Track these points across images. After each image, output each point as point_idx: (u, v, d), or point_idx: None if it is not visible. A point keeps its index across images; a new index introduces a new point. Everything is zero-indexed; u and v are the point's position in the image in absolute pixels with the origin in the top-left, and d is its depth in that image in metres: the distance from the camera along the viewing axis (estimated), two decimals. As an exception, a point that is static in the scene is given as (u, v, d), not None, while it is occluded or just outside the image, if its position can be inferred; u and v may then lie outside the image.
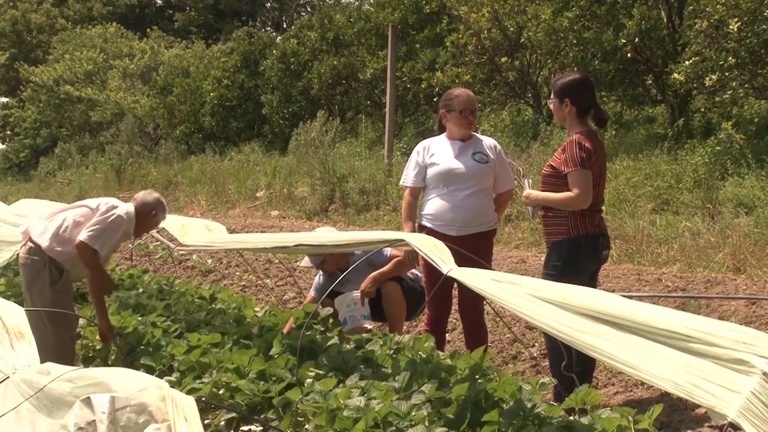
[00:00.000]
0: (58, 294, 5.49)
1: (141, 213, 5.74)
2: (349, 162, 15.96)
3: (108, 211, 5.57)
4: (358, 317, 5.81)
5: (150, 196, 5.87)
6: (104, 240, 5.49)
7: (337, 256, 6.03)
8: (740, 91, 11.69)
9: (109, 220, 5.51)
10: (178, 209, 17.38)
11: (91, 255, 5.47)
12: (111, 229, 5.52)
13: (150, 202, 5.81)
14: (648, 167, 11.58)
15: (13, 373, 3.39)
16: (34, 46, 42.63)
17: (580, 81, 4.87)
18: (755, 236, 8.45)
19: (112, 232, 5.53)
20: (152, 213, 5.79)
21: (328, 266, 6.12)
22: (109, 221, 5.51)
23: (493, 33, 15.46)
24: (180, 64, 29.44)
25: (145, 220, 5.78)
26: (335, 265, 6.07)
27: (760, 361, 2.56)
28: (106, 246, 5.53)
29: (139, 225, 5.78)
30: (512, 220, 10.96)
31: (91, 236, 5.45)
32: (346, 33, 21.02)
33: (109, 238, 5.54)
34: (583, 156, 4.60)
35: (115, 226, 5.54)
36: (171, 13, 47.57)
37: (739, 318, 6.07)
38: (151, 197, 5.86)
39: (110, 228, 5.51)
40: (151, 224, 5.94)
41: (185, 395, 2.79)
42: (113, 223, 5.52)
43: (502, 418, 3.49)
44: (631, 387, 5.31)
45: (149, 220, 5.82)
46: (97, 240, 5.46)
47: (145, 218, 5.77)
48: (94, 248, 5.44)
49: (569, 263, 4.68)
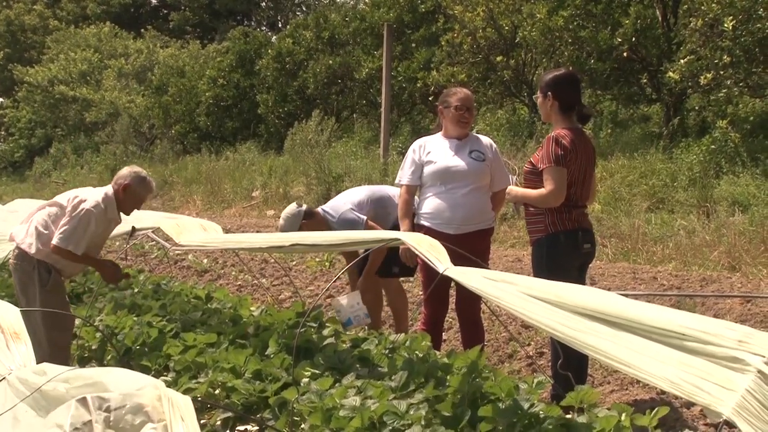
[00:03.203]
0: (49, 295, 5.45)
1: (117, 191, 5.58)
2: (344, 161, 15.97)
3: (75, 208, 5.45)
4: (363, 316, 5.85)
5: (124, 171, 5.69)
6: (77, 238, 5.39)
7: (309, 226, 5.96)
8: (735, 89, 11.71)
9: (78, 217, 5.40)
10: (174, 209, 17.36)
11: (70, 255, 5.40)
12: (82, 226, 5.40)
13: (123, 175, 5.63)
14: (643, 166, 11.61)
15: (9, 373, 3.38)
16: (28, 47, 42.55)
17: (565, 76, 4.84)
18: (750, 234, 8.47)
19: (83, 228, 5.41)
20: (127, 186, 5.57)
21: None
22: (77, 218, 5.40)
23: (488, 32, 15.48)
24: (175, 63, 29.40)
25: (125, 197, 5.60)
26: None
27: (756, 359, 2.56)
28: (81, 243, 5.41)
29: (121, 203, 5.61)
30: (507, 219, 10.97)
31: (62, 238, 5.37)
32: (341, 32, 21.03)
33: (83, 235, 5.41)
34: (558, 153, 4.58)
35: (85, 221, 5.41)
36: (166, 13, 47.51)
37: (734, 316, 6.08)
38: (125, 171, 5.68)
39: (80, 225, 5.40)
40: (131, 199, 5.66)
41: (181, 395, 2.78)
42: (82, 220, 5.41)
43: (499, 417, 3.48)
44: (627, 385, 5.31)
45: (128, 195, 5.60)
46: (69, 240, 5.37)
47: (124, 195, 5.58)
48: (68, 249, 5.37)
49: (551, 260, 4.67)
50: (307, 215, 6.05)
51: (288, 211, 6.12)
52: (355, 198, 6.16)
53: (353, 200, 6.12)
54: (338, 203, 6.20)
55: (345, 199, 6.23)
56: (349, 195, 6.32)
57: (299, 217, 6.00)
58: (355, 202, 6.08)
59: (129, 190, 5.57)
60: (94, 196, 5.52)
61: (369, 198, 6.14)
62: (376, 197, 6.17)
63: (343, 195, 6.43)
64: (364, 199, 6.12)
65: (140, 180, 5.62)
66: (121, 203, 5.61)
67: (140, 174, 5.64)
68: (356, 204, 6.06)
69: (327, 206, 6.25)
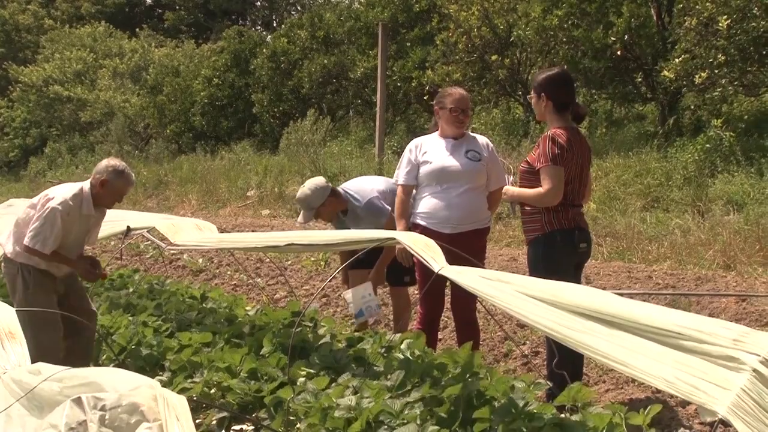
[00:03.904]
0: (32, 297, 5.39)
1: (94, 185, 5.46)
2: (339, 161, 15.98)
3: (43, 206, 5.35)
4: (374, 307, 5.80)
5: (102, 164, 5.54)
6: (43, 237, 5.27)
7: (332, 204, 5.88)
8: (730, 88, 11.74)
9: (44, 216, 5.29)
10: (169, 208, 17.35)
11: (42, 255, 5.32)
12: (48, 224, 5.28)
13: (100, 170, 5.47)
14: (638, 165, 11.63)
15: (4, 373, 3.38)
16: (23, 46, 42.49)
17: (557, 76, 4.80)
18: (745, 233, 8.48)
19: (50, 226, 5.28)
20: (103, 181, 5.43)
21: (326, 216, 5.99)
22: (43, 217, 5.29)
23: (483, 31, 15.48)
24: (170, 63, 29.36)
25: (103, 192, 5.46)
26: (333, 213, 5.96)
27: (751, 358, 2.57)
28: (48, 241, 5.29)
29: (99, 198, 5.48)
30: (503, 218, 10.98)
31: (30, 236, 5.28)
32: (336, 32, 21.03)
33: (49, 234, 5.28)
34: (555, 152, 4.56)
35: (51, 220, 5.28)
36: (161, 12, 47.49)
37: (729, 315, 6.09)
38: (102, 165, 5.52)
39: (47, 223, 5.28)
40: (110, 194, 5.49)
41: (177, 395, 2.78)
42: (48, 218, 5.29)
43: (494, 415, 3.48)
44: (622, 384, 5.31)
45: (106, 190, 5.45)
46: (36, 239, 5.27)
47: (101, 190, 5.45)
48: (36, 248, 5.28)
49: (547, 259, 4.67)
50: (334, 193, 5.91)
51: (316, 182, 5.93)
52: (378, 186, 6.02)
53: (378, 188, 5.97)
54: (363, 187, 6.02)
55: (369, 185, 6.06)
56: (372, 182, 6.18)
57: (326, 192, 5.84)
58: (381, 191, 5.95)
59: (107, 186, 5.44)
60: (63, 193, 5.40)
61: (388, 188, 6.00)
62: (393, 188, 6.06)
63: (365, 180, 6.27)
64: (385, 189, 5.98)
65: (117, 173, 5.46)
66: (100, 198, 5.49)
67: (117, 167, 5.48)
68: (381, 192, 5.94)
69: (350, 189, 6.04)
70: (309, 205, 5.85)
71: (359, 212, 5.86)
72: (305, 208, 5.90)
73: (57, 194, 5.41)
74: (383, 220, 5.77)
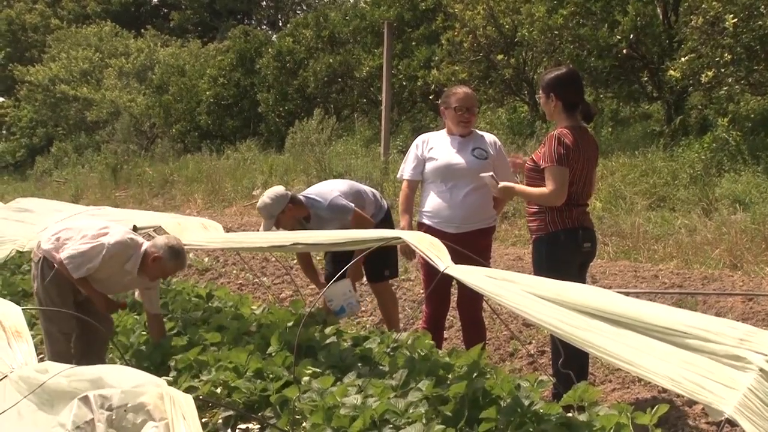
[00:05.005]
0: (49, 288, 5.43)
1: (148, 254, 5.34)
2: (345, 160, 15.96)
3: (98, 236, 5.29)
4: (354, 304, 5.86)
5: (161, 240, 5.43)
6: (80, 263, 5.19)
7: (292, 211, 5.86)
8: (736, 87, 11.71)
9: (91, 245, 5.22)
10: (175, 208, 17.36)
11: (70, 276, 5.26)
12: (89, 255, 5.20)
13: (160, 245, 5.36)
14: (644, 164, 11.60)
15: (11, 371, 3.39)
16: (29, 46, 42.59)
17: (566, 75, 4.79)
18: (752, 232, 8.46)
19: (89, 258, 5.20)
20: (156, 257, 5.32)
21: (286, 224, 5.92)
22: (90, 245, 5.22)
23: (488, 30, 15.47)
24: (176, 62, 29.36)
25: (153, 266, 5.34)
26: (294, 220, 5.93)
27: (757, 358, 2.57)
28: (82, 269, 5.20)
29: (146, 268, 5.35)
30: (509, 217, 10.97)
31: (69, 255, 5.21)
32: (341, 31, 21.02)
33: (87, 263, 5.20)
34: (561, 152, 4.55)
35: (95, 253, 5.21)
36: (166, 12, 47.55)
37: (735, 314, 6.07)
38: (162, 240, 5.42)
39: (90, 253, 5.21)
40: (158, 270, 5.39)
41: (183, 393, 2.78)
42: (93, 249, 5.22)
43: (500, 415, 3.48)
44: (629, 384, 5.31)
45: (156, 265, 5.33)
46: (73, 261, 5.20)
47: (152, 264, 5.33)
48: (68, 267, 5.21)
49: (551, 259, 4.67)
50: (293, 200, 5.90)
51: (275, 191, 5.93)
52: (340, 187, 6.11)
53: (340, 189, 6.05)
54: (323, 190, 6.07)
55: (329, 187, 6.15)
56: (332, 184, 6.30)
57: (286, 199, 5.83)
58: (342, 191, 6.02)
59: (158, 262, 5.34)
60: (121, 237, 5.33)
61: (351, 189, 6.11)
62: (355, 190, 6.15)
63: (325, 184, 6.37)
64: (347, 189, 6.07)
65: (173, 255, 5.36)
66: (147, 268, 5.37)
67: (175, 248, 5.38)
68: (342, 192, 6.00)
69: (311, 193, 6.07)
70: (269, 214, 5.86)
71: (323, 214, 5.87)
72: (265, 217, 5.93)
73: (116, 233, 5.35)
74: (349, 216, 5.82)
